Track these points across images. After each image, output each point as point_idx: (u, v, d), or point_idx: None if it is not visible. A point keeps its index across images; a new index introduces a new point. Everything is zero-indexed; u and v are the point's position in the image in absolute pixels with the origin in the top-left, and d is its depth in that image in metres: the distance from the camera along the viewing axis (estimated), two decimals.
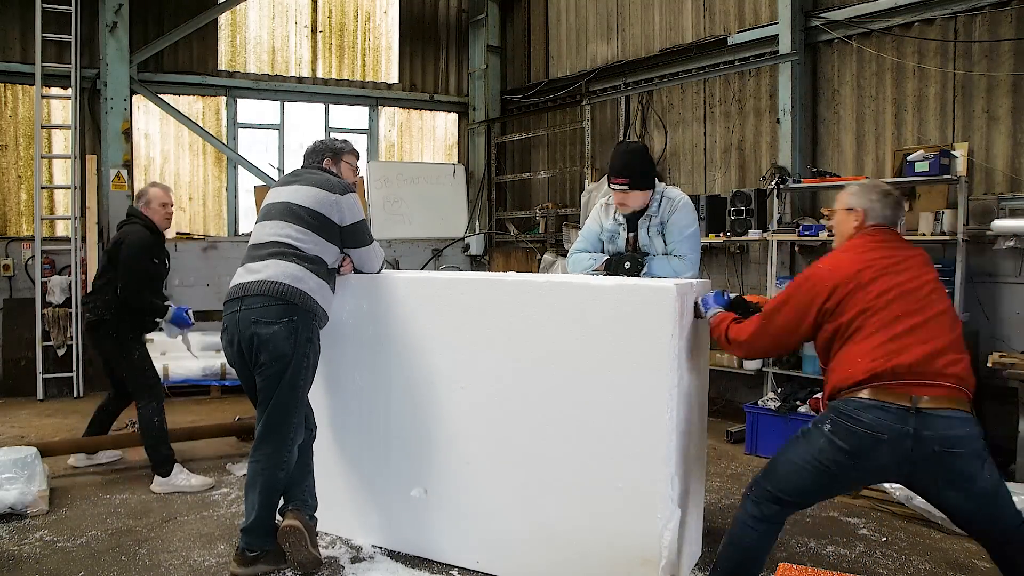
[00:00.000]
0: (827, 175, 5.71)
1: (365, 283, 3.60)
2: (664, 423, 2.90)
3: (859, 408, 2.45)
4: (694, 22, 7.32)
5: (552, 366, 3.11)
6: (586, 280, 3.23)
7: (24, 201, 7.70)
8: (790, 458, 2.63)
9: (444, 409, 3.40)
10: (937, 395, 2.40)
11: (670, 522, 2.93)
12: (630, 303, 2.95)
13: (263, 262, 3.30)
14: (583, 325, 3.04)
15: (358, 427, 3.66)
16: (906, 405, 2.40)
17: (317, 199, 3.39)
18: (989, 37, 5.21)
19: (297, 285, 3.25)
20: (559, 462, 3.11)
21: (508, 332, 3.21)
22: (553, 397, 3.12)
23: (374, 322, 3.57)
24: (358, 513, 3.69)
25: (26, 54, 7.46)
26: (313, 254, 3.34)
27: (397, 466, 3.54)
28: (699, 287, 3.28)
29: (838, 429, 2.49)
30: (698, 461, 3.36)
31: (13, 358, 7.21)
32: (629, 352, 2.94)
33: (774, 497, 2.64)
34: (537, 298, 3.16)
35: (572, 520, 3.09)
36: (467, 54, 9.91)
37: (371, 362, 3.58)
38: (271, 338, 3.20)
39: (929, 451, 2.39)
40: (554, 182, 9.16)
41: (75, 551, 3.59)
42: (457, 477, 3.37)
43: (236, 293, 3.30)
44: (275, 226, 3.38)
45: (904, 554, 3.61)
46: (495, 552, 3.31)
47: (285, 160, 8.92)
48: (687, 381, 3.08)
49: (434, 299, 3.42)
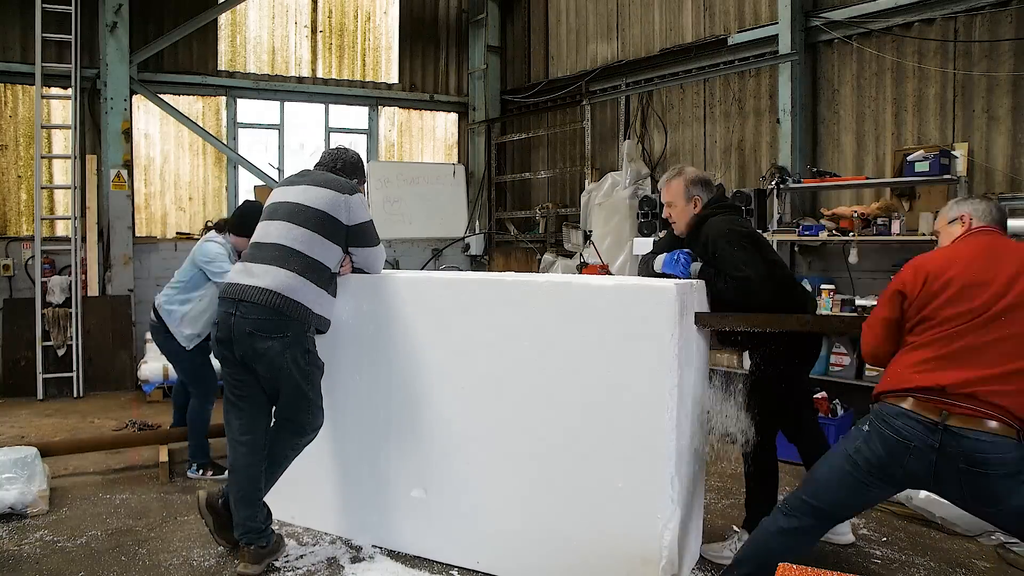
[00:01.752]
0: (827, 175, 5.71)
1: (364, 284, 3.59)
2: (664, 423, 2.89)
3: (894, 415, 2.50)
4: (694, 22, 7.32)
5: (551, 366, 3.10)
6: (586, 280, 3.23)
7: (24, 201, 7.70)
8: (829, 462, 2.66)
9: (443, 409, 3.39)
10: (967, 416, 2.40)
11: (670, 522, 2.93)
12: (630, 303, 2.95)
13: (264, 266, 3.27)
14: (583, 325, 3.03)
15: (358, 427, 3.65)
16: (935, 419, 2.42)
17: (326, 200, 3.37)
18: (989, 37, 5.21)
19: (293, 296, 3.22)
20: (559, 462, 3.10)
21: (507, 332, 3.21)
22: (553, 397, 3.11)
23: (373, 323, 3.56)
24: (358, 513, 3.68)
25: (26, 54, 7.45)
26: (315, 259, 3.31)
27: (396, 466, 3.53)
28: (700, 288, 3.28)
29: (873, 431, 2.54)
30: (698, 461, 3.36)
31: (13, 358, 7.21)
32: (629, 352, 2.94)
33: (807, 506, 2.64)
34: (536, 298, 3.15)
35: (572, 520, 3.09)
36: (467, 54, 9.91)
37: (370, 362, 3.58)
38: (266, 352, 3.20)
39: (954, 467, 2.42)
40: (554, 182, 9.17)
41: (75, 551, 3.59)
42: (456, 477, 3.37)
43: (233, 294, 3.27)
44: (280, 227, 3.35)
45: (904, 554, 3.61)
46: (495, 552, 3.30)
47: (285, 160, 8.92)
48: (687, 381, 3.06)
49: (432, 299, 3.42)
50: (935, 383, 2.44)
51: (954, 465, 2.41)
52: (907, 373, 2.51)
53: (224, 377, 3.41)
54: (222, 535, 3.44)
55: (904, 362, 2.55)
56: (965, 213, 2.76)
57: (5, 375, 7.20)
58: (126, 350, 7.53)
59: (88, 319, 7.31)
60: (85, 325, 7.24)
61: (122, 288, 7.64)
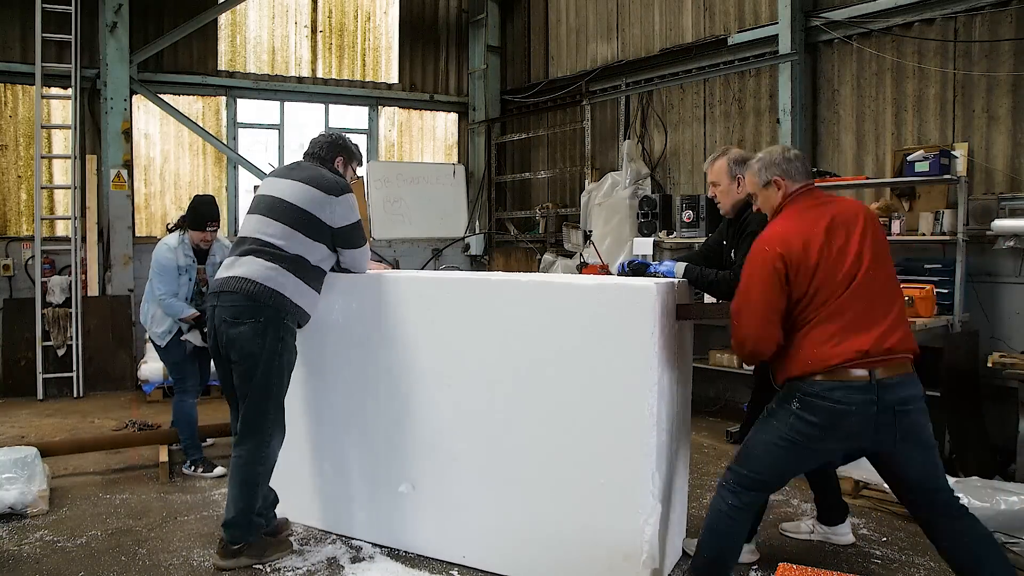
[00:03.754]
0: (827, 175, 5.70)
1: (354, 282, 3.63)
2: (645, 420, 2.96)
3: (827, 389, 2.65)
4: (694, 22, 7.32)
5: (537, 364, 3.16)
6: (570, 280, 3.27)
7: (24, 201, 7.70)
8: (762, 439, 2.80)
9: (431, 407, 3.44)
10: (889, 365, 2.66)
11: (651, 517, 3.00)
12: (612, 303, 3.01)
13: (244, 258, 3.35)
14: (567, 324, 3.09)
15: (347, 425, 3.69)
16: (866, 380, 2.63)
17: (310, 198, 3.38)
18: (989, 37, 5.21)
19: (268, 284, 3.27)
20: (544, 458, 3.17)
21: (493, 331, 3.26)
22: (538, 394, 3.16)
23: (363, 321, 3.60)
24: (352, 510, 3.73)
25: (26, 54, 7.45)
26: (293, 253, 3.34)
27: (387, 463, 3.58)
28: (684, 286, 3.34)
29: (806, 406, 2.68)
30: (681, 459, 3.40)
31: (13, 358, 7.21)
32: (612, 350, 3.00)
33: (753, 481, 2.81)
34: (521, 297, 3.20)
35: (556, 515, 3.15)
36: (467, 54, 9.91)
37: (361, 361, 3.62)
38: (238, 337, 3.27)
39: (890, 411, 2.64)
40: (554, 182, 9.17)
41: (75, 551, 3.59)
42: (444, 473, 3.42)
43: (215, 287, 3.37)
44: (259, 222, 3.41)
45: (904, 554, 3.61)
46: (481, 547, 3.36)
47: (285, 160, 8.92)
48: (669, 379, 3.11)
49: (421, 298, 3.46)
50: (856, 350, 2.62)
51: (891, 409, 2.64)
52: (823, 351, 2.65)
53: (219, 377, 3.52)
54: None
55: (813, 340, 2.68)
56: (777, 177, 2.90)
57: (5, 375, 7.20)
58: (126, 350, 7.53)
59: (88, 319, 7.31)
60: (85, 325, 7.24)
61: (122, 288, 7.64)
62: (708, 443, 5.52)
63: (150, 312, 4.66)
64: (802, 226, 2.75)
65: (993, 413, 4.83)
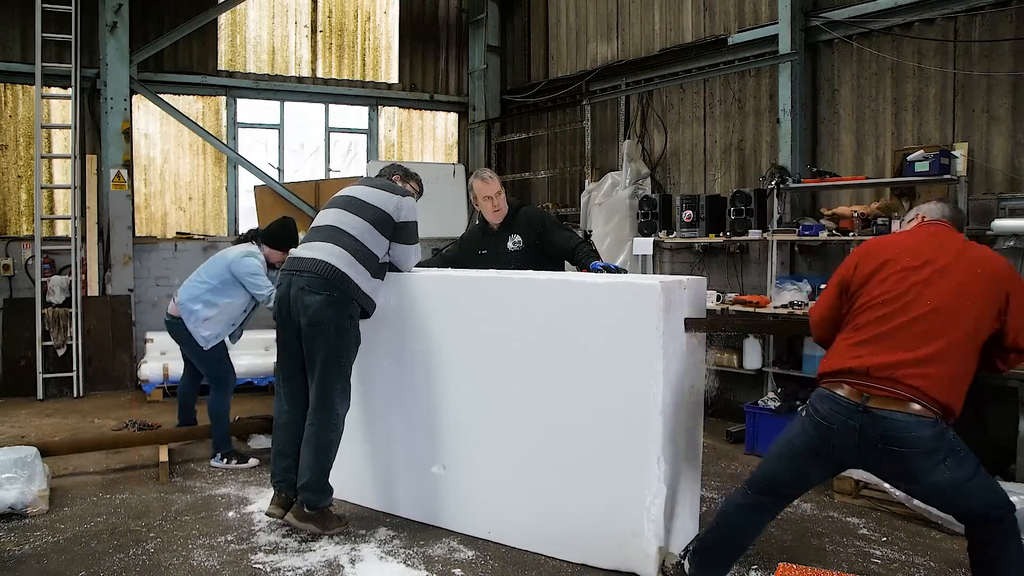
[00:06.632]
0: (827, 175, 5.71)
1: (391, 280, 3.96)
2: (651, 407, 3.18)
3: (821, 398, 2.65)
4: (694, 22, 7.32)
5: (553, 355, 3.43)
6: (583, 278, 3.49)
7: (24, 201, 7.70)
8: (778, 444, 2.84)
9: (458, 395, 3.77)
10: (886, 397, 2.51)
11: (656, 498, 3.22)
12: (621, 298, 3.27)
13: (320, 243, 3.71)
14: (580, 318, 3.35)
15: (386, 410, 4.03)
16: (856, 402, 2.55)
17: (379, 196, 3.86)
18: (989, 37, 5.21)
19: (343, 268, 3.62)
20: (560, 442, 3.43)
21: (512, 324, 3.55)
22: (554, 383, 3.43)
23: (399, 316, 3.95)
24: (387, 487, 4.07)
25: (26, 54, 7.46)
26: (365, 244, 3.72)
27: (420, 446, 3.91)
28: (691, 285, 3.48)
29: (808, 414, 2.70)
30: (691, 446, 3.55)
31: (13, 358, 7.21)
32: (620, 342, 3.25)
33: (760, 480, 2.84)
34: (539, 294, 3.50)
35: (571, 495, 3.41)
36: (467, 54, 9.90)
37: (397, 352, 3.96)
38: (312, 304, 3.59)
39: (874, 446, 2.54)
40: (554, 182, 9.17)
41: (75, 551, 3.59)
42: (470, 456, 3.74)
43: (290, 267, 3.74)
44: (336, 213, 3.83)
45: (904, 554, 3.61)
46: (504, 524, 3.64)
47: (285, 160, 8.92)
48: (676, 370, 3.30)
49: (448, 295, 3.81)
50: (861, 365, 2.56)
51: (873, 444, 2.53)
52: (842, 356, 2.64)
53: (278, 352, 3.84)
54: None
55: (841, 345, 2.69)
56: (921, 212, 2.95)
57: (5, 375, 7.20)
58: (126, 350, 7.53)
59: (88, 319, 7.31)
60: (85, 325, 7.25)
61: (122, 288, 7.64)
62: (708, 443, 5.51)
63: (202, 315, 4.71)
64: (901, 238, 2.82)
65: (993, 413, 4.82)
